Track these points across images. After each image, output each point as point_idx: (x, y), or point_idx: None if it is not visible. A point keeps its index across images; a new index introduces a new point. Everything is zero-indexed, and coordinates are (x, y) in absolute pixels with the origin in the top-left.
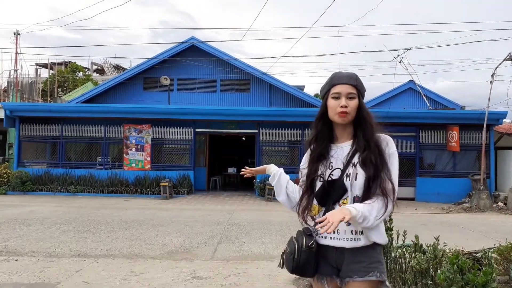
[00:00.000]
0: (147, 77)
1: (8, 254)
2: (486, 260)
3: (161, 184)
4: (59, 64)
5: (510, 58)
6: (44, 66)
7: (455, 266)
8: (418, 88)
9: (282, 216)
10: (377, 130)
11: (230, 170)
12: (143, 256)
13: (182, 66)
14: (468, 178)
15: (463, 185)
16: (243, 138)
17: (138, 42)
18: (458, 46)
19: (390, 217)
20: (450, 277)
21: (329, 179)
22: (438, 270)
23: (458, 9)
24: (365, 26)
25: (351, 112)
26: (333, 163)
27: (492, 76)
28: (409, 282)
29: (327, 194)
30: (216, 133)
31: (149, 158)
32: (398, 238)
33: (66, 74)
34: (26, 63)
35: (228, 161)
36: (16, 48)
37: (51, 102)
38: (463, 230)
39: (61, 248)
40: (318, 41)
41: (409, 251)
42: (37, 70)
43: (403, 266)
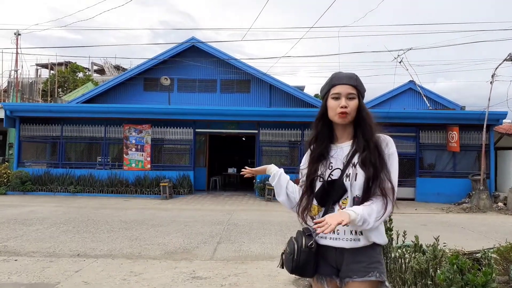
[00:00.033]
0: (148, 77)
1: (7, 254)
2: (486, 260)
3: (161, 184)
4: (60, 64)
5: (510, 59)
6: (44, 66)
7: (455, 266)
8: (418, 88)
9: (282, 216)
10: (376, 131)
11: (230, 170)
12: (143, 256)
13: (182, 67)
14: (468, 178)
15: (463, 185)
16: (243, 138)
17: (138, 42)
18: (458, 46)
19: (390, 217)
20: (450, 277)
21: (328, 179)
22: (438, 270)
23: (458, 9)
24: (365, 26)
25: (351, 112)
26: (333, 163)
27: (492, 76)
28: (409, 282)
29: (327, 194)
30: (216, 133)
31: (149, 158)
32: (398, 238)
33: (67, 74)
34: (27, 64)
35: (228, 161)
36: (16, 48)
37: (51, 102)
38: (463, 230)
39: (60, 248)
40: (318, 41)
41: (409, 251)
42: (37, 70)
43: (403, 266)
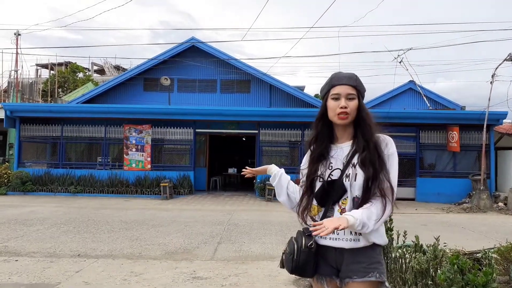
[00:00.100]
0: (148, 77)
1: (8, 254)
2: (486, 260)
3: (161, 184)
4: (60, 64)
5: (510, 59)
6: (44, 66)
7: (455, 266)
8: (418, 88)
9: (282, 216)
10: (376, 131)
11: (230, 171)
12: (143, 256)
13: (182, 67)
14: (468, 178)
15: (463, 185)
16: (243, 139)
17: (139, 42)
18: (458, 46)
19: (390, 217)
20: (451, 277)
21: (328, 180)
22: (438, 270)
23: (458, 9)
24: (365, 26)
25: (351, 113)
26: (333, 164)
27: (492, 76)
28: (409, 282)
29: (327, 195)
30: (216, 133)
31: (149, 159)
32: (398, 238)
33: (67, 75)
34: (27, 64)
35: (228, 161)
36: (16, 48)
37: (52, 102)
38: (463, 230)
39: (61, 248)
40: (318, 41)
41: (409, 251)
42: (37, 70)
43: (403, 266)
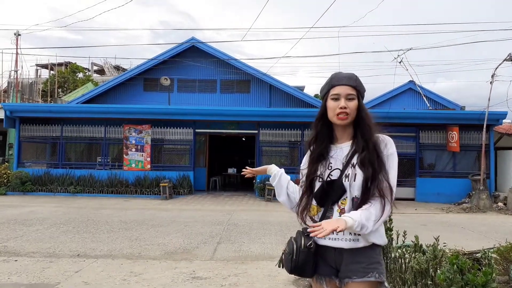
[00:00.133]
0: (147, 77)
1: (7, 254)
2: (486, 260)
3: (161, 184)
4: (60, 64)
5: (510, 59)
6: (44, 66)
7: (455, 266)
8: (418, 88)
9: (282, 216)
10: (376, 131)
11: (230, 171)
12: (143, 256)
13: (182, 67)
14: (468, 178)
15: (463, 185)
16: (243, 139)
17: (138, 42)
18: (458, 47)
19: (390, 217)
20: (450, 277)
21: (328, 180)
22: (438, 270)
23: (458, 9)
24: (365, 26)
25: (351, 113)
26: (332, 164)
27: (492, 76)
28: (409, 282)
29: (326, 195)
30: (216, 133)
31: (149, 159)
32: (398, 238)
33: (66, 75)
34: (27, 64)
35: (228, 161)
36: (16, 48)
37: (51, 102)
38: (463, 230)
39: (60, 248)
40: (318, 41)
41: (409, 251)
42: (37, 70)
43: (403, 266)
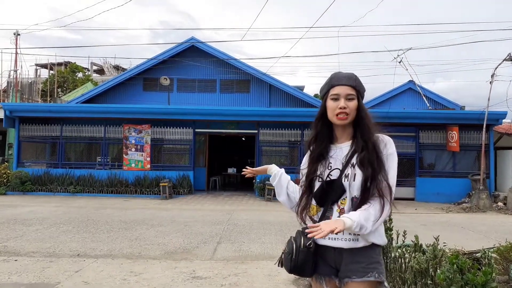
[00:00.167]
0: (147, 77)
1: (7, 254)
2: (485, 260)
3: (160, 184)
4: (59, 64)
5: (510, 59)
6: (44, 66)
7: (455, 266)
8: (418, 88)
9: (281, 216)
10: (375, 131)
11: (230, 170)
12: (143, 256)
13: (182, 67)
14: (467, 178)
15: (463, 185)
16: (243, 138)
17: (138, 42)
18: (458, 46)
19: (390, 217)
20: (450, 277)
21: (327, 179)
22: (438, 270)
23: (458, 9)
24: (365, 26)
25: (350, 113)
26: (332, 164)
27: (491, 76)
28: (408, 282)
29: (326, 194)
30: (216, 133)
31: (148, 158)
32: (398, 238)
33: (66, 75)
34: (26, 64)
35: (227, 161)
36: (16, 48)
37: (51, 102)
38: (463, 230)
39: (60, 248)
40: (318, 41)
41: (409, 251)
42: (36, 70)
43: (403, 266)
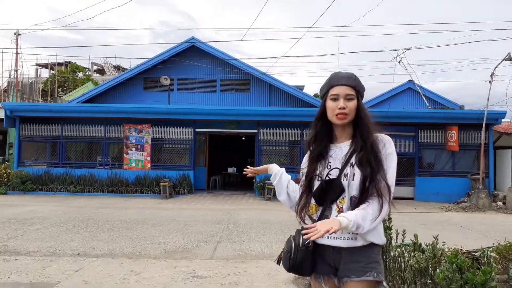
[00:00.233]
0: (147, 77)
1: (8, 253)
2: (485, 259)
3: (161, 183)
4: (60, 64)
5: (509, 58)
6: (44, 66)
7: (454, 265)
8: (417, 88)
9: (281, 215)
10: (374, 130)
11: (230, 170)
12: (143, 255)
13: (182, 66)
14: (467, 177)
15: (462, 184)
16: (243, 138)
17: (138, 42)
18: (457, 46)
19: (389, 216)
20: (449, 276)
21: (327, 179)
22: (437, 269)
23: (458, 9)
24: (365, 26)
25: (350, 113)
26: (331, 163)
27: (491, 76)
28: (408, 281)
29: (325, 194)
30: (216, 133)
31: (149, 158)
32: (397, 237)
33: (67, 74)
34: (27, 63)
35: (228, 160)
36: (16, 48)
37: (51, 102)
38: (462, 229)
39: (61, 247)
40: (318, 41)
41: (408, 250)
42: (37, 70)
43: (402, 265)
